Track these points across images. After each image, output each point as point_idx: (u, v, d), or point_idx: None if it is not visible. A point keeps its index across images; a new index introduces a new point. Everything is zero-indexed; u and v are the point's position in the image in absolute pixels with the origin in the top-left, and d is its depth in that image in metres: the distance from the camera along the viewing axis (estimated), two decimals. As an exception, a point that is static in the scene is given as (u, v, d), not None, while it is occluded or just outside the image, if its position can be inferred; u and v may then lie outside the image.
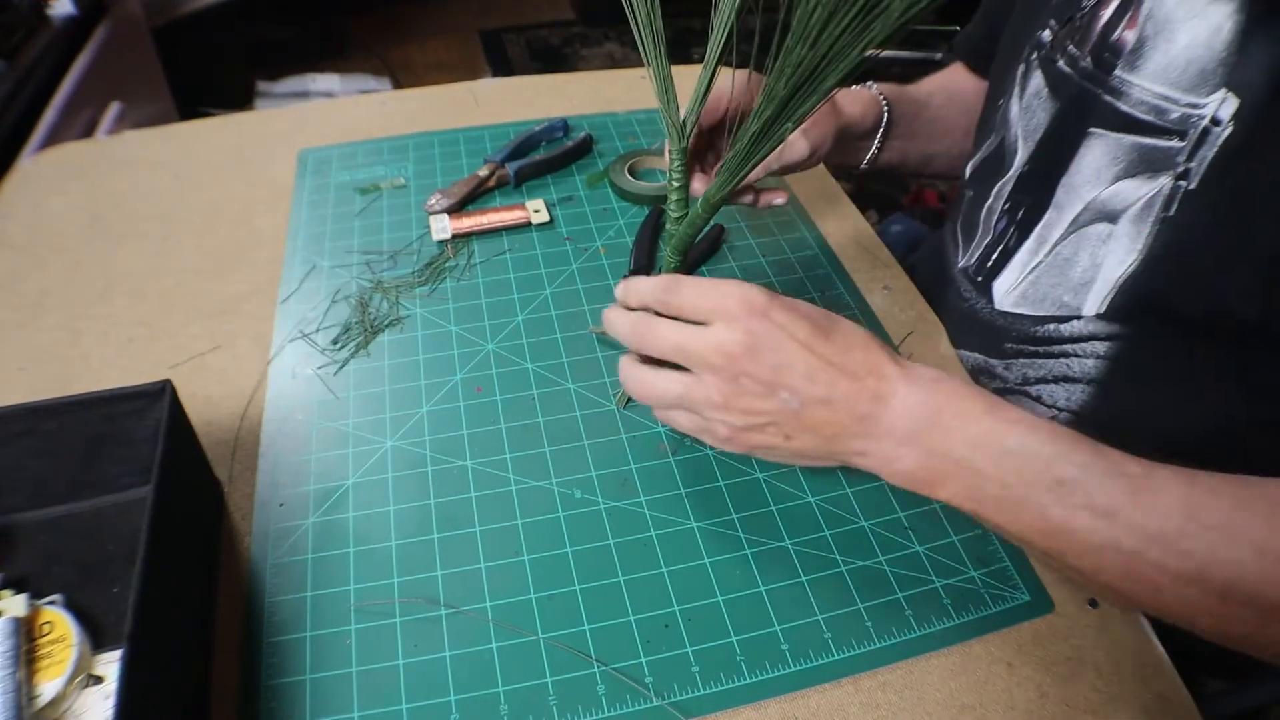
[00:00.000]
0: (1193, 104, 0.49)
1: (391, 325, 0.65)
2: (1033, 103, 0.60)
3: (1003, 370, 0.63)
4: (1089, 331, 0.57)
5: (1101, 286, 0.55)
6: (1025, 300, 0.60)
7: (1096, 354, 0.57)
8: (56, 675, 0.42)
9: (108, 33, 1.33)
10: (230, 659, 0.45)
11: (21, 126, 1.03)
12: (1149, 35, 0.51)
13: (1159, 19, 0.50)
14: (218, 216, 0.75)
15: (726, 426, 0.44)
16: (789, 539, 0.51)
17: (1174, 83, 0.50)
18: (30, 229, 0.74)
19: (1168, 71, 0.50)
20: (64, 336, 0.64)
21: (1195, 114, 0.48)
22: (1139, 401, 0.56)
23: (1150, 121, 0.51)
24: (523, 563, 0.50)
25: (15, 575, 0.48)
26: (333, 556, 0.50)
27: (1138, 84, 0.51)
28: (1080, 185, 0.56)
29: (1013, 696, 0.45)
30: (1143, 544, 0.38)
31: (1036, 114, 0.60)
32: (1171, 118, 0.50)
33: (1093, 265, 0.55)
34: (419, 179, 0.79)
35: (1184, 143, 0.49)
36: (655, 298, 0.46)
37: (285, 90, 2.04)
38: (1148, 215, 0.52)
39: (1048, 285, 0.59)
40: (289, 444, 0.56)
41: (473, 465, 0.55)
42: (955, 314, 0.67)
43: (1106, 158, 0.54)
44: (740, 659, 0.46)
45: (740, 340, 0.42)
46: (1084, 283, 0.56)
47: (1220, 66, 0.47)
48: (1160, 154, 0.50)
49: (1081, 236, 0.56)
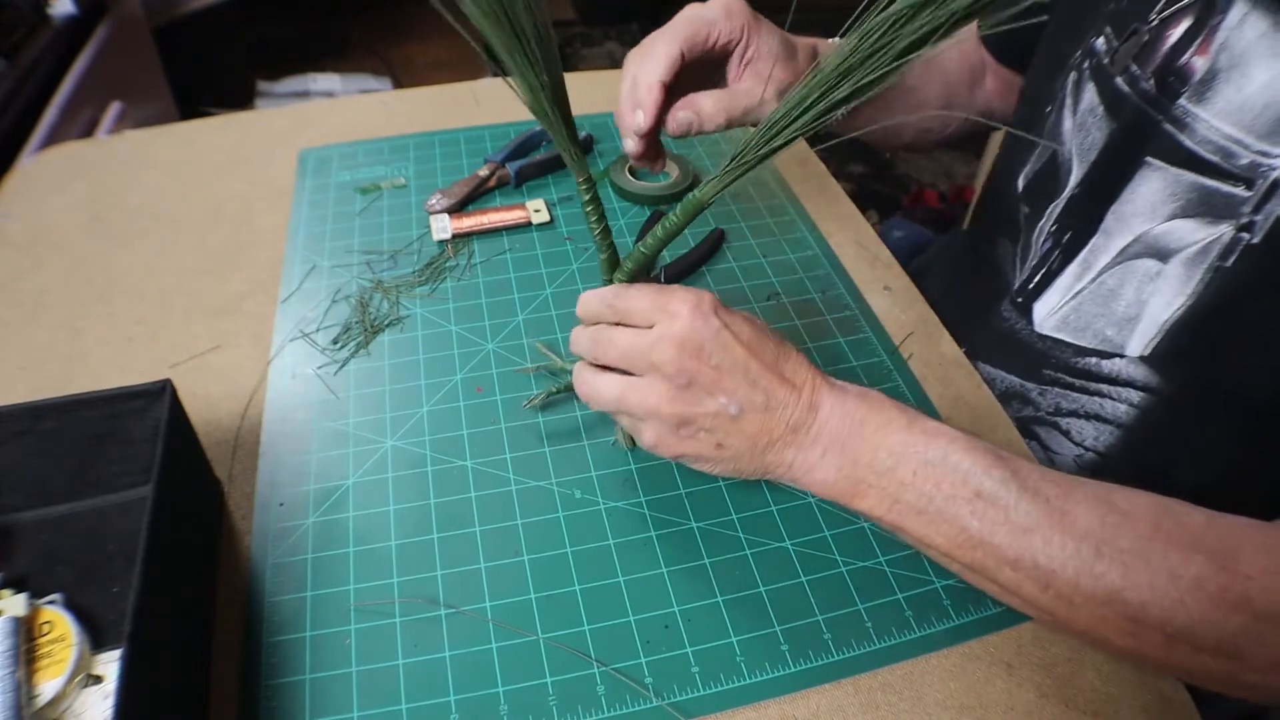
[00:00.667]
0: (1265, 152, 0.45)
1: (392, 325, 0.65)
2: (1087, 120, 0.57)
3: (1036, 395, 0.61)
4: (1128, 375, 0.55)
5: (1147, 327, 0.53)
6: (1066, 326, 0.59)
7: (1131, 401, 0.55)
8: (56, 675, 0.42)
9: (108, 32, 1.33)
10: (230, 659, 0.45)
11: (22, 126, 1.03)
12: (1222, 67, 0.47)
13: (1235, 51, 0.46)
14: (218, 216, 0.75)
15: (654, 431, 0.44)
16: (789, 539, 0.51)
17: (1247, 126, 0.46)
18: (30, 228, 0.74)
19: (1241, 112, 0.46)
20: (64, 335, 0.64)
21: (1267, 163, 0.45)
22: (1164, 456, 0.55)
23: (1215, 163, 0.47)
24: (523, 563, 0.50)
25: (15, 574, 0.48)
26: (333, 556, 0.50)
27: (1205, 118, 0.48)
28: (1131, 216, 0.53)
29: (1013, 697, 0.45)
30: (1058, 564, 0.39)
31: (1091, 132, 0.56)
32: (1240, 163, 0.46)
33: (1138, 302, 0.53)
34: (419, 179, 0.79)
35: (1251, 192, 0.46)
36: (605, 303, 0.46)
37: (286, 90, 2.04)
38: (1202, 261, 0.49)
39: (1090, 315, 0.57)
40: (289, 444, 0.56)
41: (473, 465, 0.55)
42: (994, 333, 0.64)
43: (1164, 193, 0.51)
44: (740, 659, 0.46)
45: (684, 338, 0.42)
46: (1128, 319, 0.54)
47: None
48: (1223, 200, 0.47)
49: (1128, 269, 0.54)
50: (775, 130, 0.41)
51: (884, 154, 0.58)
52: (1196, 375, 0.52)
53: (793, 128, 0.40)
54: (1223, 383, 0.51)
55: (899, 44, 0.37)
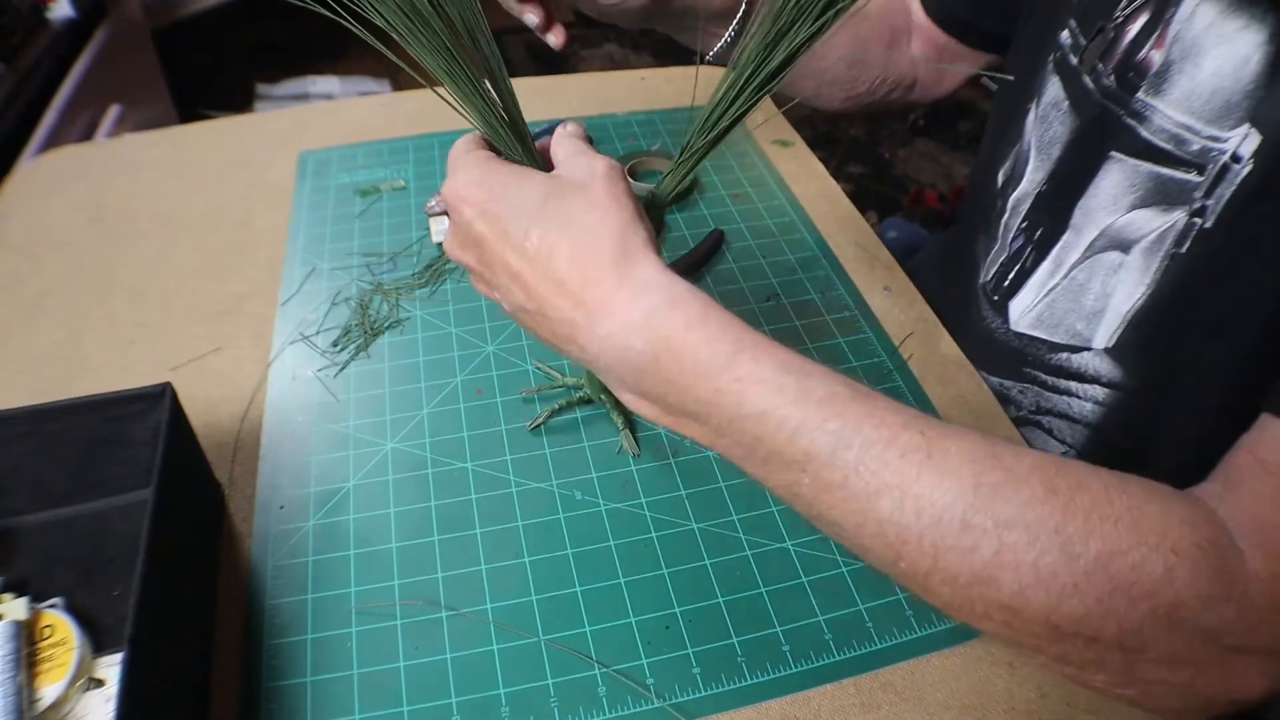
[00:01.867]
0: (1214, 137, 0.46)
1: (391, 327, 0.65)
2: (1050, 113, 0.57)
3: (1017, 394, 0.61)
4: (1093, 370, 0.55)
5: (1111, 319, 0.53)
6: (1041, 324, 0.59)
7: (1095, 399, 0.56)
8: (57, 678, 0.42)
9: (107, 35, 1.33)
10: (231, 661, 0.45)
11: (21, 129, 1.03)
12: (1175, 59, 0.48)
13: (1186, 42, 0.47)
14: (218, 218, 0.75)
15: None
16: (789, 540, 0.51)
17: (1196, 112, 0.47)
18: (30, 231, 0.74)
19: (1190, 99, 0.47)
20: (64, 338, 0.64)
21: (1216, 148, 0.46)
22: (1137, 449, 0.55)
23: (1169, 151, 0.48)
24: (523, 564, 0.50)
25: (16, 578, 0.47)
26: (333, 559, 0.50)
27: (1161, 109, 0.48)
28: (1096, 210, 0.54)
29: (1014, 697, 0.45)
30: (912, 535, 0.32)
31: (1053, 126, 0.57)
32: (1191, 149, 0.47)
33: (1103, 294, 0.54)
34: (419, 181, 0.79)
35: (1202, 178, 0.46)
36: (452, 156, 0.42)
37: (285, 92, 2.04)
38: (1158, 249, 0.50)
39: (1063, 310, 0.57)
40: (289, 446, 0.56)
41: (473, 467, 0.55)
42: (977, 336, 0.64)
43: (1124, 184, 0.51)
44: (741, 660, 0.46)
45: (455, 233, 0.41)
46: (1095, 312, 0.55)
47: (1246, 99, 0.44)
48: (1177, 187, 0.48)
49: (1095, 263, 0.54)
50: (714, 118, 0.42)
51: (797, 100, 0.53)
52: (1159, 365, 0.52)
53: (730, 112, 0.41)
54: (1185, 371, 0.51)
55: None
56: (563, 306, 0.36)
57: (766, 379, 0.33)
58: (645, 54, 2.63)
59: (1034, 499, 0.31)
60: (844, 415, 0.33)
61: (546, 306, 0.37)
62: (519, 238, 0.37)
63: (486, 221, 0.38)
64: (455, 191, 0.40)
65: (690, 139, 0.43)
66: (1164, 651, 0.32)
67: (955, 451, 0.32)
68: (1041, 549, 0.31)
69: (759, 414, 0.33)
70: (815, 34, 0.39)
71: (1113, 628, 0.31)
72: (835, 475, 0.33)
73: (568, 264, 0.36)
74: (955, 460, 0.32)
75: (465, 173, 0.40)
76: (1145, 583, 0.31)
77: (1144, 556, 0.31)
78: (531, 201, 0.38)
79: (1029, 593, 0.31)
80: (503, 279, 0.39)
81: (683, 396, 0.35)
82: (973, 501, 0.31)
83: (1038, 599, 0.31)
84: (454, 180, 0.40)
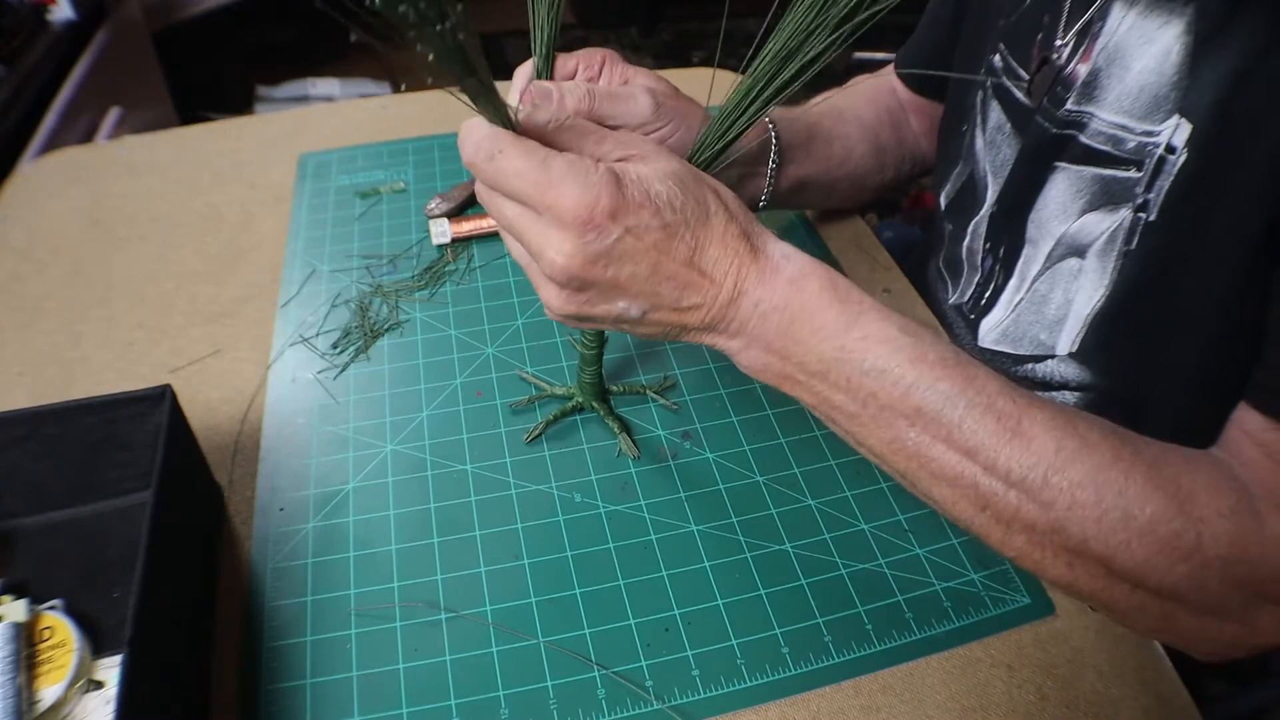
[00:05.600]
0: (1148, 131, 0.47)
1: (391, 329, 0.65)
2: (996, 137, 0.59)
3: None
4: (1060, 376, 0.56)
5: (1073, 324, 0.54)
6: (1006, 338, 0.60)
7: (1069, 403, 0.56)
8: (57, 680, 0.42)
9: (107, 37, 1.33)
10: (230, 664, 0.46)
11: (21, 131, 1.03)
12: (1102, 66, 0.50)
13: (1111, 49, 0.49)
14: (217, 221, 0.75)
15: (555, 307, 0.40)
16: (789, 542, 0.51)
17: (1129, 111, 0.48)
18: (30, 233, 0.74)
19: (1122, 100, 0.49)
20: (64, 340, 0.64)
21: (1150, 142, 0.47)
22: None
23: (1108, 152, 0.50)
24: (523, 567, 0.50)
25: (15, 580, 0.48)
26: (333, 561, 0.50)
27: (1097, 115, 0.50)
28: (1048, 220, 0.55)
29: (1013, 699, 0.45)
30: (1002, 487, 0.37)
31: (1002, 149, 0.59)
32: (1128, 147, 0.49)
33: (1065, 302, 0.54)
34: (419, 183, 0.79)
35: (1141, 173, 0.48)
36: (485, 156, 0.37)
37: (285, 94, 2.04)
38: (1111, 250, 0.51)
39: (1027, 323, 0.58)
40: (289, 448, 0.56)
41: (473, 469, 0.55)
42: None
43: (1071, 191, 0.53)
44: (741, 662, 0.46)
45: (573, 252, 0.36)
46: (1058, 320, 0.55)
47: (1172, 91, 0.46)
48: (1119, 185, 0.49)
49: (1055, 272, 0.55)
50: (726, 125, 0.43)
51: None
52: (1126, 362, 0.53)
53: (741, 121, 0.42)
54: (1153, 365, 0.51)
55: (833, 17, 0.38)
56: (709, 290, 0.39)
57: (889, 338, 0.38)
58: (645, 56, 2.63)
59: (1103, 464, 0.37)
60: (952, 378, 0.37)
61: (689, 296, 0.38)
62: (676, 239, 0.38)
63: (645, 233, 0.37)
64: (588, 203, 0.36)
65: (704, 140, 0.44)
66: (1195, 605, 0.37)
67: (1040, 420, 0.37)
68: (1106, 507, 0.36)
69: (879, 371, 0.37)
70: (829, 46, 0.39)
71: (1154, 581, 0.36)
72: (940, 431, 0.37)
73: (719, 249, 0.39)
74: (1040, 427, 0.37)
75: (575, 182, 0.36)
76: (1182, 548, 0.36)
77: (1182, 525, 0.36)
78: (677, 206, 0.38)
79: (1092, 543, 0.36)
80: (648, 287, 0.38)
81: (807, 355, 0.38)
82: (1053, 463, 0.36)
83: (1098, 548, 0.36)
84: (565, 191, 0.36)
